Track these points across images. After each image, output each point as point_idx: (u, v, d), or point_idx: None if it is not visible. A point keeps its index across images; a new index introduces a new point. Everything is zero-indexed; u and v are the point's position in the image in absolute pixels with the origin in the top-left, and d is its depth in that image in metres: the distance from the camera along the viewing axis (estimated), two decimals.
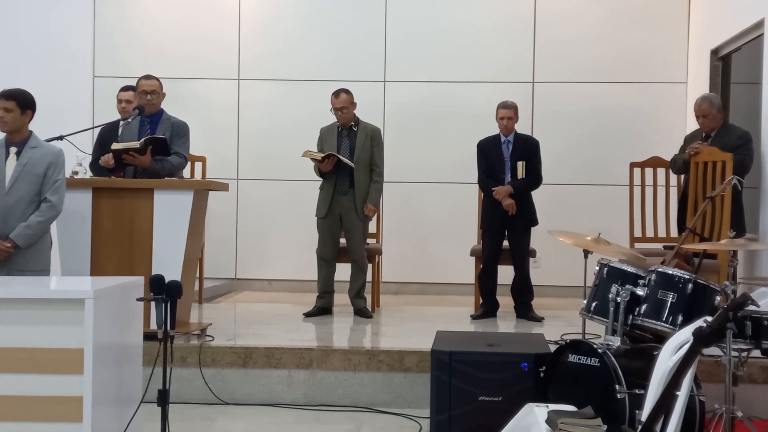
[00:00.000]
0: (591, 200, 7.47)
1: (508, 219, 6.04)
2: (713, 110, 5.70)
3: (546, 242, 6.25)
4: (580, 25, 7.59)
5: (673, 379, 2.29)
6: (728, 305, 2.14)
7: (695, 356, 2.41)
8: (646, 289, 4.03)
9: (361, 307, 6.09)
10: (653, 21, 7.53)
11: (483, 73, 7.60)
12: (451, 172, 7.53)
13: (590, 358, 3.86)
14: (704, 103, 5.72)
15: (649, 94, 7.52)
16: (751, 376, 4.45)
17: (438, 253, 7.59)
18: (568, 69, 7.57)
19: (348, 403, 4.75)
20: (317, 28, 7.76)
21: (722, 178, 5.32)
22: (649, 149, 6.71)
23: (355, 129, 6.09)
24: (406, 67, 7.68)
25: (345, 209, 6.03)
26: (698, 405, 3.69)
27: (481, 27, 7.64)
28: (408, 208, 7.65)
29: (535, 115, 7.56)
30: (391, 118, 7.66)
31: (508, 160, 6.12)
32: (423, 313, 6.50)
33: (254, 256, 7.77)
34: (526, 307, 6.12)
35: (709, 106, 5.71)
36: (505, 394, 4.09)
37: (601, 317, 4.15)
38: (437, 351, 4.23)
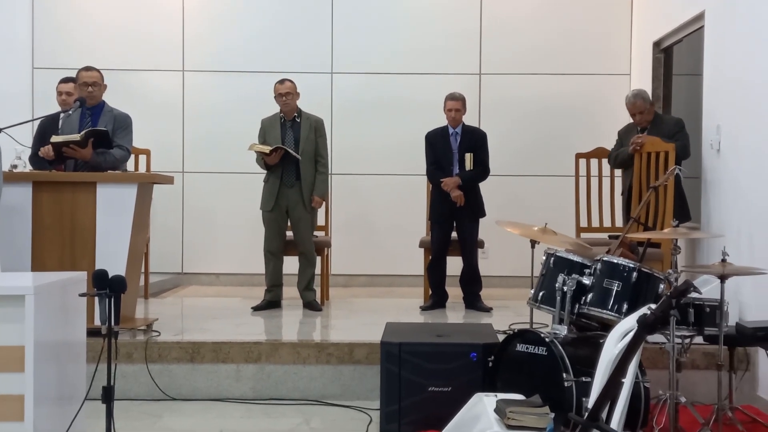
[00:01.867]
0: (538, 191, 7.54)
1: (456, 210, 6.07)
2: (647, 105, 5.81)
3: (494, 233, 6.29)
4: (525, 17, 7.65)
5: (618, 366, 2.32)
6: (671, 293, 2.17)
7: (640, 343, 2.44)
8: (592, 278, 4.09)
9: (311, 300, 6.06)
10: (598, 13, 7.62)
11: (430, 64, 7.60)
12: (399, 164, 7.54)
13: (538, 347, 3.90)
14: (638, 100, 5.81)
15: (593, 86, 7.61)
16: (693, 362, 4.55)
17: (387, 244, 7.59)
18: (514, 60, 7.63)
19: (297, 396, 4.72)
20: (263, 18, 7.67)
21: (665, 167, 5.41)
22: (594, 140, 6.79)
23: (299, 120, 6.05)
24: (353, 58, 7.65)
25: (292, 202, 5.99)
26: (643, 391, 3.75)
27: (428, 18, 7.64)
28: (356, 200, 7.63)
29: (483, 107, 7.59)
30: (339, 110, 7.63)
31: (456, 151, 6.14)
32: (372, 305, 6.50)
33: (201, 250, 7.68)
34: (475, 297, 6.16)
35: (643, 102, 5.80)
36: (455, 384, 4.11)
37: (549, 306, 4.20)
38: (386, 343, 4.23)
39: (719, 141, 5.36)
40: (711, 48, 5.61)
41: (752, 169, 4.88)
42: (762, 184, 4.73)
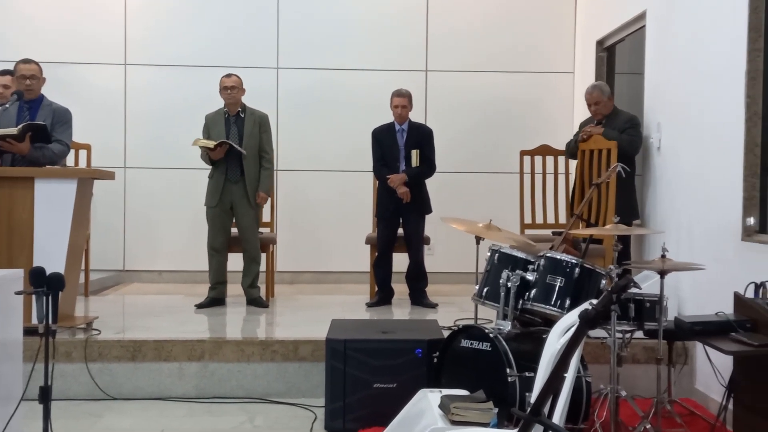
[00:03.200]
0: (483, 188, 7.59)
1: (402, 207, 6.07)
2: (604, 97, 5.86)
3: (440, 229, 6.32)
4: (471, 15, 7.68)
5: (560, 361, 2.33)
6: (611, 288, 2.19)
7: (581, 338, 2.45)
8: (536, 274, 4.13)
9: (255, 297, 6.01)
10: (541, 12, 7.70)
11: (377, 60, 7.59)
12: (346, 160, 7.52)
13: (482, 343, 3.92)
14: (595, 91, 5.88)
15: (538, 84, 7.69)
16: (634, 356, 4.63)
17: (333, 241, 7.57)
18: (460, 58, 7.66)
19: (241, 394, 4.68)
20: (208, 12, 7.57)
21: (608, 164, 5.49)
22: (539, 138, 6.87)
23: (243, 116, 5.99)
24: (299, 53, 7.59)
25: (236, 198, 5.93)
26: (585, 385, 3.80)
27: (375, 14, 7.63)
28: (302, 196, 7.58)
29: (429, 104, 7.62)
30: (285, 105, 7.57)
31: (403, 148, 6.14)
32: (318, 301, 6.47)
33: (143, 247, 7.55)
34: (421, 293, 6.17)
35: (600, 93, 5.87)
36: (400, 381, 4.13)
37: (493, 302, 4.22)
38: (332, 339, 4.22)
39: (659, 139, 5.45)
40: (652, 47, 5.71)
41: (691, 166, 4.98)
42: (700, 182, 4.83)
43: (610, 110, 5.86)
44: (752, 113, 4.30)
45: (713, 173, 4.65)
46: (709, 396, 4.42)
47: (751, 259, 4.18)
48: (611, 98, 5.92)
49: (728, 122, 4.45)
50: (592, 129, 5.85)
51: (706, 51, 4.81)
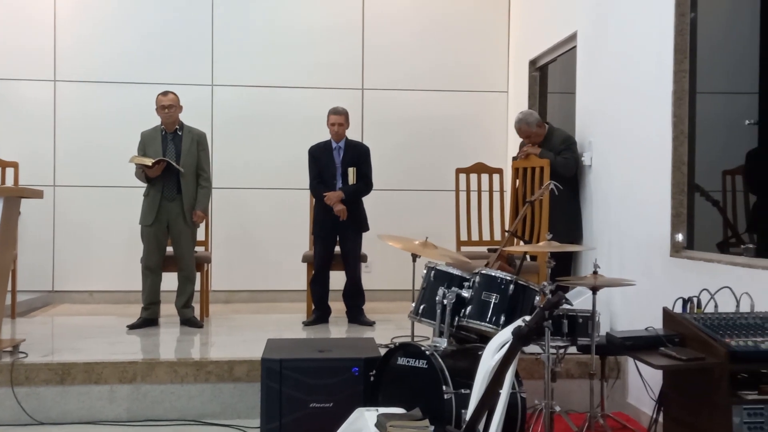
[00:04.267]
0: (420, 205, 7.63)
1: (339, 224, 6.06)
2: (532, 129, 5.91)
3: (377, 247, 6.32)
4: (407, 34, 7.74)
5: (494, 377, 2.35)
6: (543, 305, 2.22)
7: (515, 355, 2.48)
8: (471, 291, 4.15)
9: (189, 317, 5.91)
10: (476, 32, 7.81)
11: (313, 78, 7.59)
12: (282, 178, 7.48)
13: (418, 360, 3.92)
14: (521, 125, 5.93)
15: (473, 103, 7.78)
16: (568, 371, 4.68)
17: (269, 259, 7.51)
18: (396, 77, 7.71)
19: (175, 416, 4.58)
20: (141, 29, 7.46)
21: (541, 182, 5.57)
22: (474, 155, 6.94)
23: (180, 133, 5.91)
24: (234, 70, 7.54)
25: (172, 216, 5.84)
26: (520, 401, 3.83)
27: (311, 32, 7.63)
28: (238, 214, 7.51)
29: (365, 121, 7.63)
30: (220, 123, 7.50)
31: (340, 166, 6.14)
32: (254, 320, 6.40)
33: (74, 267, 7.36)
34: (358, 311, 6.16)
35: (526, 126, 5.92)
36: (336, 400, 4.09)
37: (429, 319, 4.23)
38: (267, 359, 4.17)
39: (591, 157, 5.56)
40: (583, 67, 5.84)
41: (621, 184, 5.09)
42: (630, 199, 4.94)
43: (542, 136, 5.91)
44: (679, 132, 4.42)
45: (643, 191, 4.77)
46: (641, 409, 4.50)
47: (679, 274, 4.28)
48: (541, 124, 5.96)
49: (656, 141, 4.57)
50: (529, 149, 5.92)
51: (634, 72, 4.93)
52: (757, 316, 3.13)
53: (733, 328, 3.00)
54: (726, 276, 3.72)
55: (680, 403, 3.23)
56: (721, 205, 5.15)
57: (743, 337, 2.91)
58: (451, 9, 7.77)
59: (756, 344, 2.85)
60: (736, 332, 2.95)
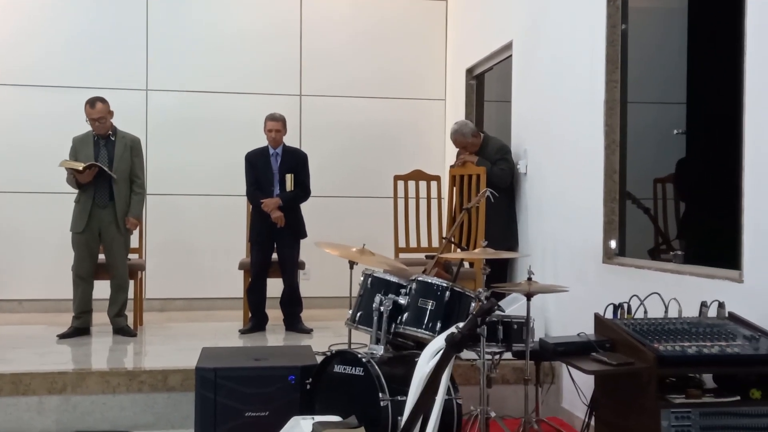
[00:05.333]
0: (358, 212, 7.63)
1: (276, 231, 6.02)
2: (467, 138, 5.97)
3: (314, 254, 6.28)
4: (345, 41, 7.74)
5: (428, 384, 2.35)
6: (476, 312, 2.23)
7: (448, 361, 2.49)
8: (408, 297, 4.15)
9: (122, 325, 5.79)
10: (413, 39, 7.85)
11: (250, 84, 7.53)
12: (218, 184, 7.39)
13: (354, 368, 3.90)
14: (456, 135, 5.98)
15: (410, 110, 7.82)
16: (504, 377, 4.73)
17: (205, 266, 7.41)
18: (334, 83, 7.70)
19: (106, 427, 4.49)
20: (73, 32, 7.30)
21: (478, 190, 5.62)
22: (412, 162, 6.97)
23: (113, 139, 5.79)
24: (169, 75, 7.43)
25: (104, 223, 5.72)
26: (455, 407, 3.84)
27: (248, 37, 7.57)
28: (173, 221, 7.40)
29: (303, 128, 7.60)
30: (155, 128, 7.38)
31: (277, 172, 6.10)
32: (189, 329, 6.30)
33: (1, 275, 7.14)
34: (296, 319, 6.12)
35: (462, 137, 5.98)
36: (272, 408, 4.07)
37: (366, 326, 4.22)
38: (201, 368, 4.12)
39: (526, 165, 5.64)
40: (518, 76, 5.92)
41: (554, 192, 5.17)
42: (564, 206, 5.02)
43: (478, 146, 5.97)
44: (610, 141, 4.51)
45: (576, 198, 4.85)
46: (574, 414, 4.57)
47: (611, 280, 4.36)
48: (476, 134, 6.01)
49: (589, 149, 4.65)
50: (466, 157, 5.97)
51: (567, 81, 5.02)
52: (685, 322, 3.20)
53: (661, 334, 3.06)
54: (656, 282, 3.80)
55: (611, 407, 3.29)
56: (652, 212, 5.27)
57: (671, 342, 2.97)
58: (389, 16, 7.80)
59: (683, 349, 2.92)
60: (664, 337, 3.02)
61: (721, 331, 3.06)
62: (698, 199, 4.99)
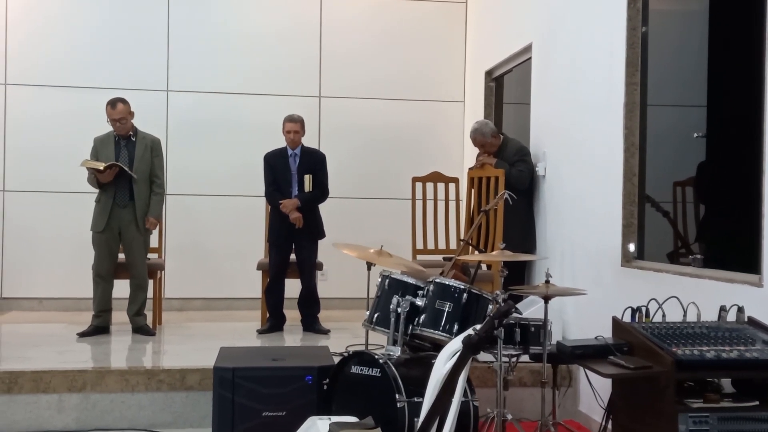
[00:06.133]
0: (376, 213, 7.63)
1: (295, 232, 6.03)
2: (487, 138, 5.96)
3: (332, 255, 6.29)
4: (365, 44, 7.76)
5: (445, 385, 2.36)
6: (493, 314, 2.23)
7: (465, 363, 2.49)
8: (425, 299, 4.16)
9: (141, 325, 5.83)
10: (433, 41, 7.85)
11: (270, 85, 7.56)
12: (237, 185, 7.43)
13: (372, 369, 3.92)
14: (476, 135, 5.98)
15: (429, 112, 7.82)
16: (521, 379, 4.72)
17: (223, 267, 7.44)
18: (353, 85, 7.71)
19: (125, 425, 4.52)
20: (94, 32, 7.36)
21: (496, 192, 5.61)
22: (431, 164, 6.97)
23: (134, 139, 5.84)
24: (190, 76, 7.48)
25: (124, 223, 5.77)
26: (472, 410, 3.84)
27: (268, 39, 7.60)
28: (192, 221, 7.44)
29: (322, 129, 7.63)
30: (174, 129, 7.43)
31: (295, 173, 6.12)
32: (208, 329, 6.34)
33: (22, 274, 7.22)
34: (313, 319, 6.14)
35: (482, 136, 5.97)
36: (289, 409, 4.08)
37: (383, 328, 4.23)
38: (220, 368, 4.14)
39: (545, 167, 5.62)
40: (537, 78, 5.90)
41: (573, 195, 5.16)
42: (582, 209, 5.00)
43: (497, 147, 5.96)
44: (630, 144, 4.49)
45: (595, 201, 4.83)
46: (591, 417, 4.55)
47: (629, 284, 4.34)
48: (496, 135, 6.00)
49: (608, 152, 4.64)
50: (485, 159, 5.96)
51: (586, 83, 5.00)
52: (703, 326, 3.18)
53: (679, 338, 3.05)
54: (674, 286, 3.78)
55: (628, 411, 3.28)
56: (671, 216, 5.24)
57: (689, 346, 2.96)
58: (408, 18, 7.81)
59: (701, 353, 2.90)
60: (683, 341, 3.00)
61: (740, 336, 3.05)
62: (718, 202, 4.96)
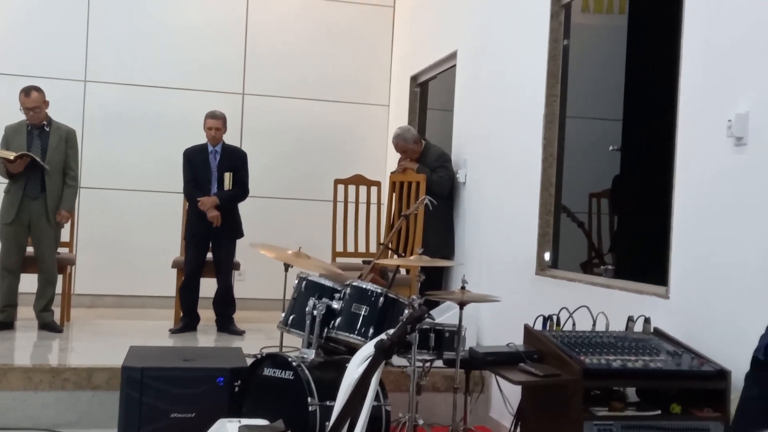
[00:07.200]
0: (297, 214, 7.58)
1: (212, 230, 5.94)
2: (408, 144, 5.98)
3: (250, 254, 6.20)
4: (290, 43, 7.70)
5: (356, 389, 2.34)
6: (406, 319, 2.23)
7: (376, 368, 2.48)
8: (342, 302, 4.14)
9: (48, 321, 5.65)
10: (360, 44, 7.84)
11: (193, 80, 7.43)
12: (155, 180, 7.27)
13: (285, 371, 3.87)
14: (398, 140, 6.00)
15: (354, 114, 7.81)
16: (434, 384, 4.74)
17: (138, 264, 7.26)
18: (278, 84, 7.65)
19: (27, 425, 4.37)
20: (9, 18, 7.11)
21: (416, 197, 5.64)
22: (354, 167, 6.95)
23: (48, 129, 5.65)
24: (110, 67, 7.29)
25: (35, 215, 5.58)
26: (384, 414, 3.84)
27: (191, 32, 7.47)
28: (107, 215, 7.24)
29: (245, 127, 7.53)
30: (91, 120, 7.23)
31: (216, 170, 6.03)
32: (118, 327, 6.18)
33: None
34: (228, 320, 6.05)
35: (403, 142, 5.99)
36: (199, 410, 3.99)
37: (298, 330, 4.19)
38: (128, 367, 4.03)
39: (465, 174, 5.67)
40: (461, 86, 5.96)
41: (491, 202, 5.22)
42: (500, 217, 5.07)
43: (419, 153, 5.99)
44: (548, 154, 4.57)
45: (512, 209, 4.90)
46: (502, 423, 4.61)
47: (543, 292, 4.41)
48: (418, 141, 6.03)
49: (527, 162, 4.71)
50: (407, 164, 5.98)
51: (509, 93, 5.07)
52: (611, 336, 3.25)
53: (588, 347, 3.11)
54: (586, 295, 3.86)
55: (537, 417, 3.32)
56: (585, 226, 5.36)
57: (597, 355, 3.01)
58: (336, 21, 7.78)
59: (608, 362, 2.96)
60: (591, 350, 3.06)
61: (645, 346, 3.12)
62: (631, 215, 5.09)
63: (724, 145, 3.08)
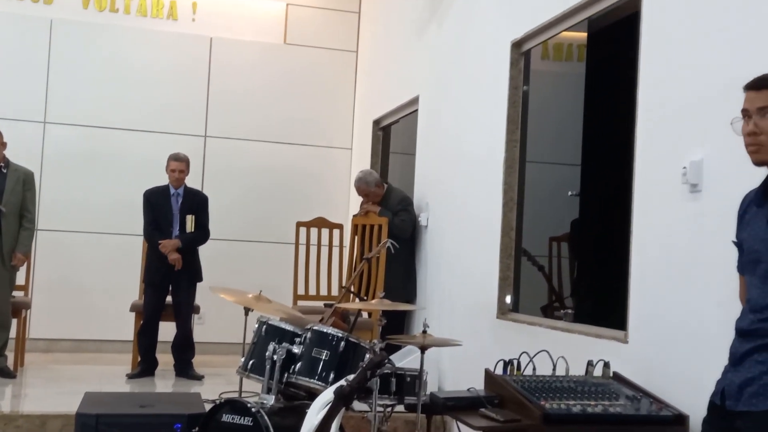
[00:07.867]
0: (258, 257, 7.53)
1: (173, 273, 5.88)
2: (370, 188, 6.01)
3: (211, 298, 6.12)
4: (254, 87, 7.71)
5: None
6: (366, 365, 2.22)
7: (336, 414, 2.46)
8: (302, 347, 4.09)
9: (1, 366, 5.51)
10: (322, 88, 7.88)
11: (155, 122, 7.40)
12: (113, 222, 7.18)
13: (243, 418, 3.81)
14: (360, 184, 6.03)
15: (317, 158, 7.82)
16: (395, 430, 4.71)
17: (95, 307, 7.13)
18: (241, 126, 7.64)
19: None
20: None
21: (379, 240, 5.64)
22: (315, 210, 6.95)
23: (5, 171, 5.58)
24: (69, 108, 7.22)
25: None
26: None
27: (154, 74, 7.45)
28: (63, 258, 7.12)
29: (207, 169, 7.50)
30: (50, 161, 7.14)
31: (177, 213, 5.99)
32: (74, 372, 6.04)
33: None
34: (187, 365, 5.96)
35: (365, 185, 6.02)
36: None
37: (258, 375, 4.14)
38: (82, 414, 3.95)
39: (427, 218, 5.70)
40: (423, 130, 6.01)
41: (453, 246, 5.24)
42: (461, 261, 5.08)
43: (381, 196, 6.02)
44: (508, 199, 4.61)
45: (473, 253, 4.92)
46: None
47: (504, 336, 4.42)
48: (380, 184, 6.06)
49: (488, 206, 4.74)
50: (369, 207, 6.00)
51: (470, 138, 5.12)
52: (571, 380, 3.26)
53: (548, 391, 3.10)
54: (546, 339, 3.87)
55: None
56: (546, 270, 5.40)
57: (557, 400, 3.01)
58: (299, 64, 7.83)
59: (568, 407, 2.96)
60: (551, 395, 3.06)
61: (605, 391, 3.13)
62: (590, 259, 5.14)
63: (680, 191, 3.13)
